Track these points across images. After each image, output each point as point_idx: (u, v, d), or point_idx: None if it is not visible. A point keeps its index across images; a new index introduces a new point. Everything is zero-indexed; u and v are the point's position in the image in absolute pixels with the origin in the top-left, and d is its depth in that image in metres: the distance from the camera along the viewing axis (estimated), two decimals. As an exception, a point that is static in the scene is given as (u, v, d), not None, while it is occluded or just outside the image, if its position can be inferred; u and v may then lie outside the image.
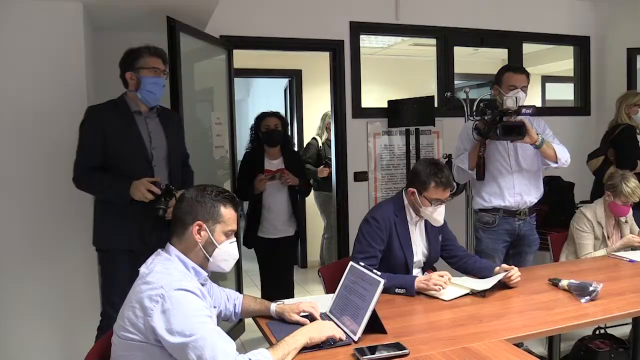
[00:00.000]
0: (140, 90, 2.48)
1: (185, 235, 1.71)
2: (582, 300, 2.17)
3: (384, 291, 2.24)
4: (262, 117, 3.62)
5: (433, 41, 4.62)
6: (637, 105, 3.90)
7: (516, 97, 2.93)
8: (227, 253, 1.77)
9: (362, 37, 4.33)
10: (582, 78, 5.19)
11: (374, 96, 5.50)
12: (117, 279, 2.47)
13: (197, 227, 1.70)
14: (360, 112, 4.26)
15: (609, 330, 3.23)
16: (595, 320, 2.07)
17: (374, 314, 1.83)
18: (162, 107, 2.65)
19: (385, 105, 4.34)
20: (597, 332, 3.15)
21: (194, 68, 3.45)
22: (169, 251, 1.71)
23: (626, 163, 3.86)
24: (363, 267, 1.97)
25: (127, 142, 2.48)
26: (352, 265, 2.04)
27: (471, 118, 3.40)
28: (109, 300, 2.52)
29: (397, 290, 2.29)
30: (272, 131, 3.54)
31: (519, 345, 3.10)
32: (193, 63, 3.43)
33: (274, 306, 2.03)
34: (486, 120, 2.91)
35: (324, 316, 1.99)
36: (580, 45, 5.13)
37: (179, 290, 1.56)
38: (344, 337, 1.78)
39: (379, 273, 1.86)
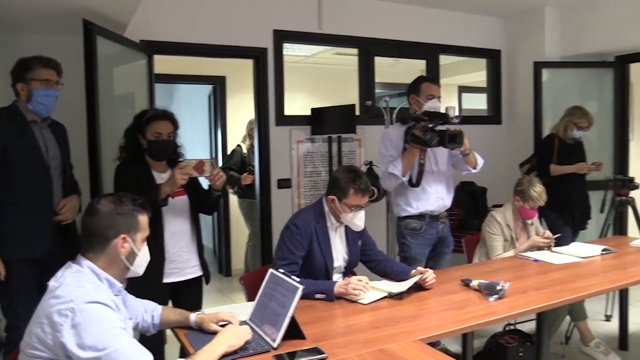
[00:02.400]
0: (32, 102, 2.48)
1: (107, 249, 1.67)
2: (491, 299, 2.30)
3: (305, 297, 2.29)
4: (149, 120, 2.59)
5: (355, 51, 4.73)
6: (576, 124, 4.21)
7: (448, 107, 3.04)
8: (144, 258, 1.77)
9: (286, 45, 4.37)
10: (493, 89, 5.50)
11: (298, 104, 5.55)
12: (20, 290, 2.41)
13: (121, 241, 1.67)
14: (284, 120, 4.29)
15: (518, 326, 3.43)
16: (502, 317, 2.19)
17: (293, 319, 1.85)
18: (51, 119, 2.65)
19: (309, 113, 4.40)
20: (507, 328, 3.34)
21: (113, 72, 3.34)
22: (81, 263, 1.65)
23: (540, 168, 4.30)
24: (282, 273, 1.99)
25: (25, 151, 2.47)
26: (271, 272, 2.05)
27: (397, 124, 3.42)
28: (13, 312, 2.45)
29: (317, 295, 2.33)
30: (164, 141, 2.59)
31: (435, 344, 3.25)
32: (112, 67, 3.33)
33: (193, 316, 2.00)
34: (427, 128, 2.95)
35: (243, 324, 1.98)
36: (492, 58, 5.45)
37: (91, 303, 1.51)
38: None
39: (297, 279, 1.89)
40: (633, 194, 4.05)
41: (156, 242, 2.43)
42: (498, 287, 2.32)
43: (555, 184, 4.14)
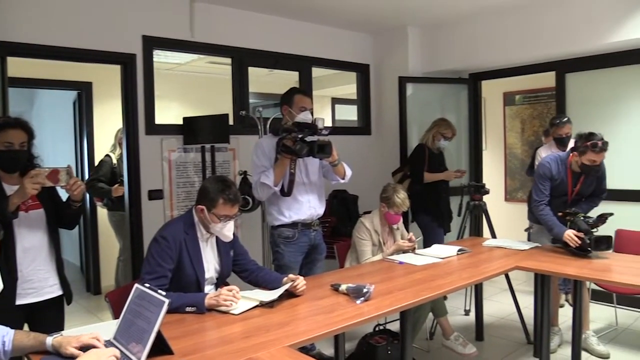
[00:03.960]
0: None
1: None
2: (358, 302, 2.40)
3: (174, 311, 2.24)
4: None
5: (229, 60, 4.72)
6: (443, 134, 4.65)
7: (317, 118, 3.12)
8: None
9: (156, 52, 4.24)
10: (363, 101, 5.78)
11: (172, 113, 5.42)
12: None
13: None
14: (154, 129, 4.14)
15: (388, 326, 3.63)
16: (368, 318, 2.29)
17: (160, 335, 1.80)
18: None
19: (181, 122, 4.30)
20: (377, 328, 3.51)
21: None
22: None
23: (414, 176, 4.68)
24: (148, 288, 1.92)
25: None
26: (137, 287, 1.98)
27: (270, 135, 3.45)
28: None
29: (187, 309, 2.28)
30: (16, 152, 2.36)
31: (310, 348, 3.32)
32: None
33: (49, 340, 1.86)
34: (297, 139, 3.00)
35: (109, 344, 1.89)
36: (361, 71, 5.72)
37: None
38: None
39: (164, 293, 1.84)
40: (485, 198, 4.48)
41: (7, 261, 2.23)
42: (364, 290, 2.43)
43: (427, 190, 4.54)
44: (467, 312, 4.57)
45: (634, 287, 3.05)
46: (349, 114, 6.91)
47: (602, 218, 3.31)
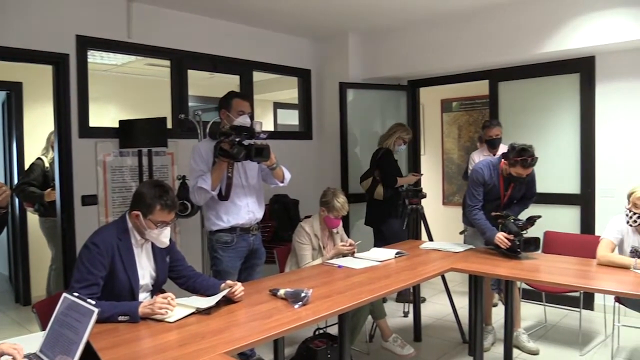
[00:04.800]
0: None
1: None
2: (296, 306, 2.41)
3: (106, 320, 2.18)
4: None
5: (168, 62, 4.63)
6: (404, 139, 4.80)
7: (254, 122, 3.10)
8: None
9: (92, 52, 4.10)
10: (305, 106, 5.80)
11: (109, 115, 5.25)
12: None
13: None
14: (89, 132, 4.01)
15: (328, 330, 3.65)
16: (306, 322, 2.29)
17: (89, 345, 1.73)
18: None
19: (117, 125, 4.17)
20: (317, 332, 3.53)
21: None
22: None
23: (388, 181, 4.74)
24: (77, 297, 1.85)
25: None
26: (65, 297, 1.90)
27: (208, 139, 3.42)
28: None
29: (120, 318, 2.21)
30: None
31: (250, 355, 3.30)
32: None
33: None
34: (234, 142, 2.98)
35: (34, 357, 1.81)
36: (303, 77, 5.75)
37: None
38: None
39: (93, 302, 1.78)
40: (424, 202, 4.59)
41: None
42: (302, 295, 2.44)
43: (395, 194, 4.59)
44: (406, 314, 4.66)
45: (561, 286, 3.21)
46: (291, 118, 6.93)
47: (531, 220, 3.47)
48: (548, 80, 4.87)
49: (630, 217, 3.14)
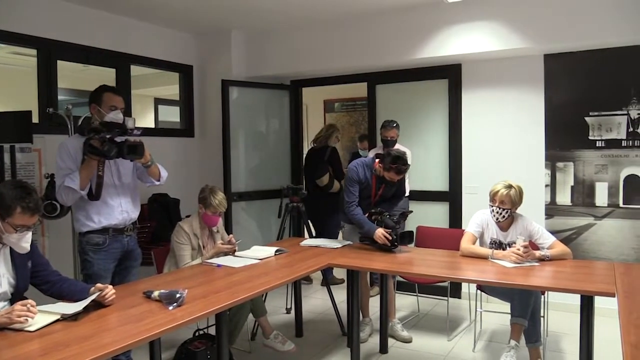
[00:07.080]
0: None
1: None
2: (170, 308, 2.36)
3: (-47, 333, 1.98)
4: None
5: (34, 52, 4.29)
6: (337, 138, 5.53)
7: (127, 118, 2.96)
8: None
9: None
10: (186, 103, 5.67)
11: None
12: None
13: None
14: (-62, 126, 3.61)
15: (210, 330, 3.60)
16: (180, 323, 2.24)
17: None
18: None
19: (-27, 119, 3.80)
20: (197, 333, 3.47)
21: None
22: None
23: (340, 175, 5.35)
24: None
25: None
26: None
27: (77, 135, 3.22)
28: None
29: (-29, 330, 2.03)
30: None
31: (124, 361, 3.16)
32: None
33: None
34: (106, 139, 2.84)
35: None
36: (184, 72, 5.61)
37: None
38: None
39: None
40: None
41: None
42: (177, 295, 2.39)
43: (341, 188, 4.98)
44: (288, 311, 4.73)
45: (431, 277, 3.45)
46: (173, 115, 6.73)
47: (404, 215, 3.69)
48: (421, 84, 5.20)
49: (498, 213, 3.41)
